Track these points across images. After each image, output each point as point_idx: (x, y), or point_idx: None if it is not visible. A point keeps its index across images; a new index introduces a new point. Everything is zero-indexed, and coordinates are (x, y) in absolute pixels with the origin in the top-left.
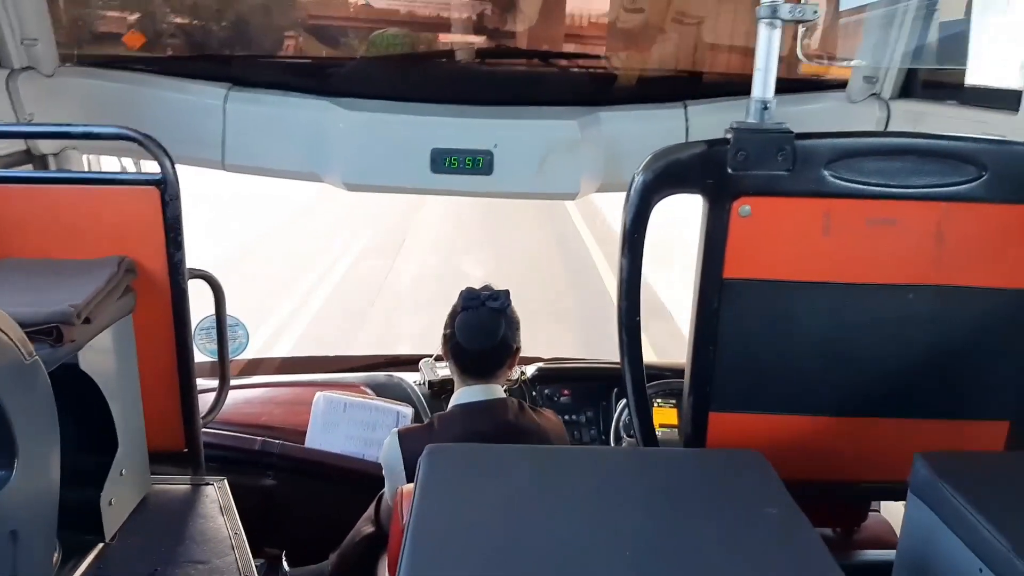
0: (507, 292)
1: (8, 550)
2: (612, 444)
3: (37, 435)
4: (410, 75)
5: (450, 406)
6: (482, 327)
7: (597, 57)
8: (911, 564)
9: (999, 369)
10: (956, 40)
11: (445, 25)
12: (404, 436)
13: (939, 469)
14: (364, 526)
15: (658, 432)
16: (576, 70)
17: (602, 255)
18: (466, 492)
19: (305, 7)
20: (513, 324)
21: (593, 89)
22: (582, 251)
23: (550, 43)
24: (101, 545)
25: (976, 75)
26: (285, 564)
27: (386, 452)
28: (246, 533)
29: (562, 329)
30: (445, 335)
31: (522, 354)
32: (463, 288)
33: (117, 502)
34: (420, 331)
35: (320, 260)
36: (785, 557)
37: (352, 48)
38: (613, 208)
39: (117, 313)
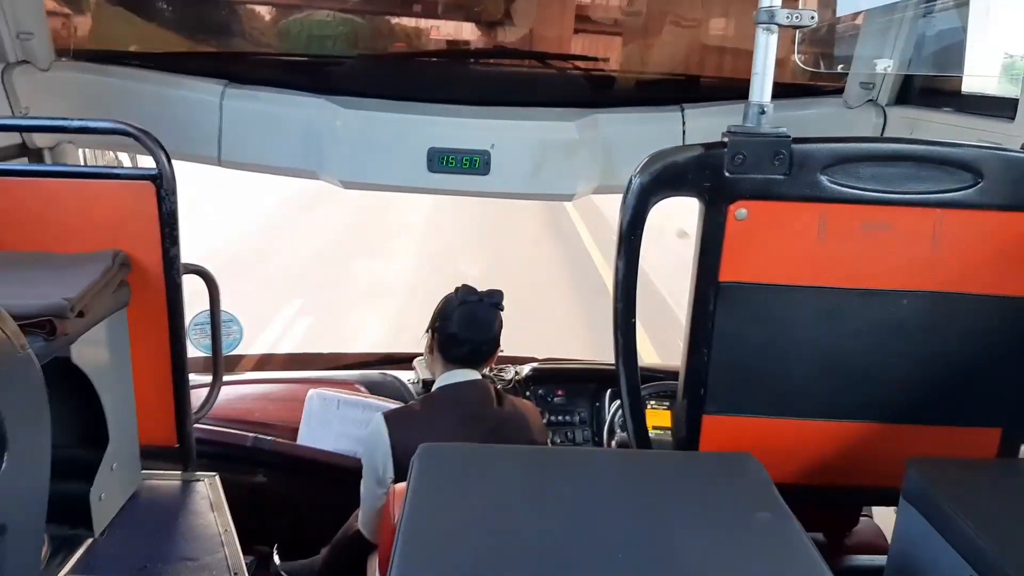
0: (501, 292)
1: None
2: (605, 445)
3: (28, 429)
4: (408, 74)
5: (435, 388)
6: (481, 320)
7: (595, 59)
8: (902, 569)
9: (992, 376)
10: (953, 47)
11: (400, 10)
12: (391, 419)
13: (931, 476)
14: (355, 522)
15: (652, 434)
16: (574, 72)
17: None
18: (458, 492)
19: None
20: (500, 323)
21: (591, 91)
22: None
23: (547, 44)
24: (90, 540)
25: (972, 83)
26: (276, 558)
27: (372, 434)
28: (237, 529)
29: None
30: (435, 328)
31: (516, 354)
32: (459, 285)
33: (107, 497)
34: None
35: None
36: (776, 561)
37: (253, 37)
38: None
39: (111, 307)
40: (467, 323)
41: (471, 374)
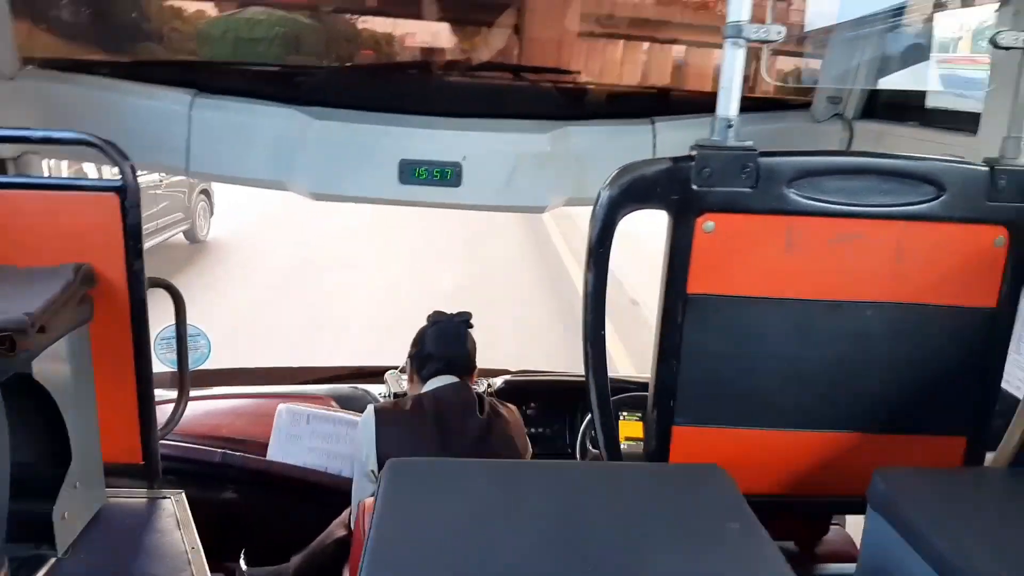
0: (469, 313)
1: None
2: (577, 457)
3: None
4: (379, 85)
5: (422, 391)
6: (450, 336)
7: (567, 72)
8: None
9: (956, 386)
10: (918, 63)
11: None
12: (380, 411)
13: (897, 484)
14: (337, 529)
15: (625, 445)
16: (546, 84)
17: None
18: (427, 506)
19: None
20: (472, 342)
21: (563, 104)
22: None
23: (519, 57)
24: (53, 560)
25: (936, 98)
26: (243, 564)
27: (362, 423)
28: (205, 547)
29: None
30: (411, 355)
31: (490, 366)
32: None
33: (70, 516)
34: None
35: None
36: (745, 572)
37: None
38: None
39: (73, 322)
40: (438, 340)
41: (452, 378)
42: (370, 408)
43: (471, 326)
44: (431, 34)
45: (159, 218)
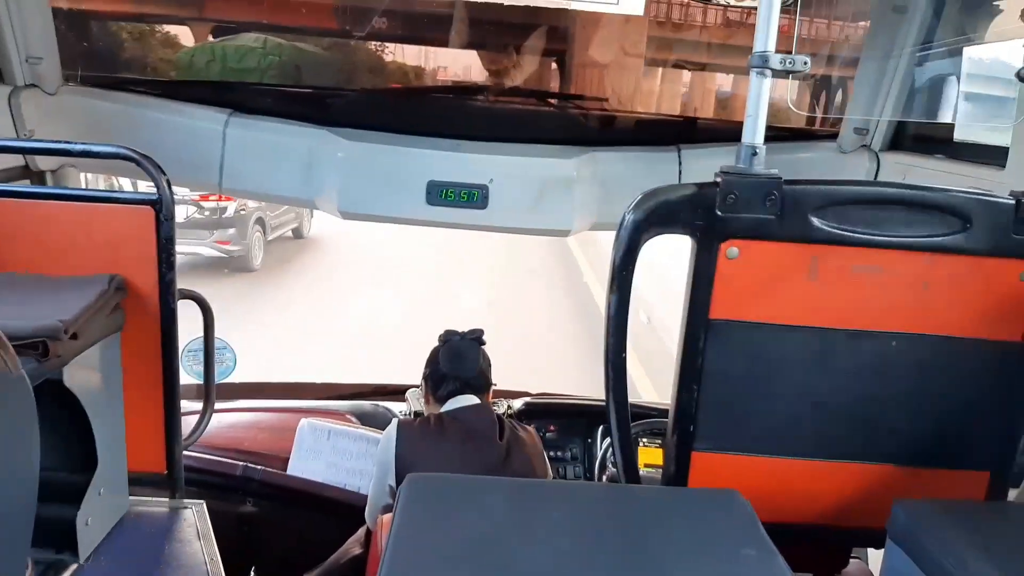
0: (481, 330)
1: None
2: (596, 481)
3: (16, 450)
4: (409, 108)
5: (443, 410)
6: (462, 354)
7: (594, 99)
8: None
9: (980, 419)
10: (945, 96)
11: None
12: (403, 426)
13: (918, 517)
14: (353, 547)
15: (644, 471)
16: (573, 110)
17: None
18: (444, 524)
19: None
20: (486, 359)
21: (589, 130)
22: None
23: (549, 83)
24: (75, 566)
25: (964, 131)
26: None
27: (384, 436)
28: (223, 559)
29: None
30: (425, 375)
31: (509, 387)
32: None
33: (93, 522)
34: None
35: None
36: None
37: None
38: None
39: (105, 330)
40: (451, 359)
41: (473, 399)
42: (394, 422)
43: (483, 343)
44: (457, 61)
45: (280, 217)
